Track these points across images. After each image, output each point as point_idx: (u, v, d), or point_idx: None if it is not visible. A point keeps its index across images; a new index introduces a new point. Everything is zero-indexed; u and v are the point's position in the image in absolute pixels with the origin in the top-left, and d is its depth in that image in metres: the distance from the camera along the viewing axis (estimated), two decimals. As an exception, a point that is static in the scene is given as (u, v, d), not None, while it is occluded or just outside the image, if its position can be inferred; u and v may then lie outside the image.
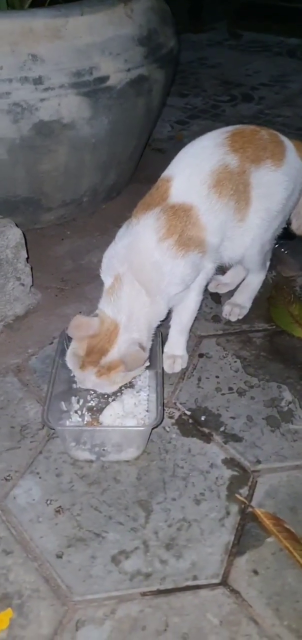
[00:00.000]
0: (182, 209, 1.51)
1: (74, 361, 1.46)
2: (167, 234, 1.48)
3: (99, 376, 1.42)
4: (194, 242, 1.51)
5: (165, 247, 1.48)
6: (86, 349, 1.43)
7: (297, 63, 4.07)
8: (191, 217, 1.51)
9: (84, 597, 1.16)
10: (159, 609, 1.14)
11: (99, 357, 1.42)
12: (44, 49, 1.90)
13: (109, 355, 1.42)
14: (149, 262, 1.47)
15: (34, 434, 1.49)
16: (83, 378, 1.45)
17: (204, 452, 1.45)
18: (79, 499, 1.33)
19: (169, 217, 1.49)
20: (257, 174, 1.61)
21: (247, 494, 1.35)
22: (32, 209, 2.17)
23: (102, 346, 1.42)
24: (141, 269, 1.47)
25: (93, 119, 2.03)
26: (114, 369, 1.42)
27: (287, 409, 1.56)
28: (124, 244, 1.51)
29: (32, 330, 1.81)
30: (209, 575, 1.20)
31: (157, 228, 1.48)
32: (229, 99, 3.52)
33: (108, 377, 1.43)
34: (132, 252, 1.48)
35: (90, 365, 1.42)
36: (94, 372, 1.42)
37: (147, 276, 1.47)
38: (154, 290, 1.48)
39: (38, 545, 1.25)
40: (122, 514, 1.31)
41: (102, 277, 1.55)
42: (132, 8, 2.11)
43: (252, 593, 1.17)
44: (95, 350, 1.42)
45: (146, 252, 1.48)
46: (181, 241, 1.49)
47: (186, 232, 1.50)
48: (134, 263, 1.47)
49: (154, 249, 1.48)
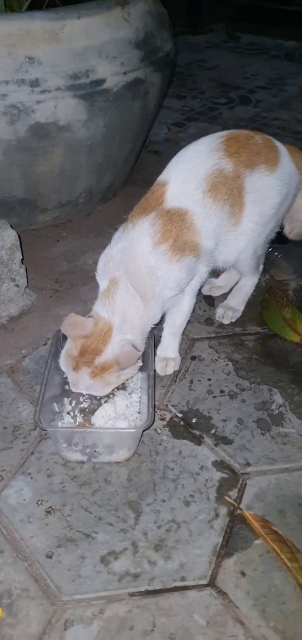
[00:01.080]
0: (178, 214, 1.52)
1: (67, 362, 1.46)
2: (163, 239, 1.49)
3: (93, 377, 1.43)
4: (189, 246, 1.53)
5: (160, 252, 1.49)
6: (80, 349, 1.44)
7: (295, 66, 4.08)
8: (186, 222, 1.52)
9: (73, 597, 1.17)
10: (147, 609, 1.16)
11: (94, 357, 1.42)
12: (41, 51, 1.91)
13: (104, 356, 1.43)
14: (144, 267, 1.48)
15: (27, 435, 1.50)
16: (77, 380, 1.45)
17: (194, 454, 1.46)
18: (70, 499, 1.35)
19: (164, 222, 1.51)
20: (251, 179, 1.63)
21: (237, 497, 1.36)
22: (28, 210, 2.18)
23: (96, 347, 1.43)
24: (137, 274, 1.48)
25: (89, 121, 2.04)
26: (108, 370, 1.43)
27: (278, 412, 1.57)
28: (120, 248, 1.52)
29: (27, 331, 1.82)
30: (197, 576, 1.21)
31: (153, 233, 1.50)
32: (227, 101, 3.53)
33: (102, 378, 1.43)
34: (128, 256, 1.50)
35: (85, 366, 1.43)
36: (88, 372, 1.43)
37: (143, 281, 1.48)
38: (149, 295, 1.49)
39: (29, 545, 1.26)
40: (113, 515, 1.32)
41: (97, 279, 1.56)
42: (130, 12, 2.12)
43: (239, 595, 1.18)
44: (90, 351, 1.43)
45: (142, 257, 1.49)
46: (176, 246, 1.50)
47: (181, 237, 1.51)
48: (129, 268, 1.48)
49: (149, 254, 1.49)
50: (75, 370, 1.44)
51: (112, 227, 2.24)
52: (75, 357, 1.44)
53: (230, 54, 4.35)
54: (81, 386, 1.46)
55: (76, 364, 1.44)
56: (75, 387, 1.47)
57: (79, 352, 1.44)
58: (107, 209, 2.43)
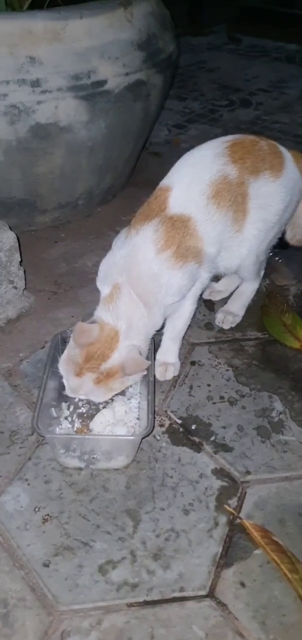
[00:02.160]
0: (181, 220, 1.51)
1: (68, 368, 1.43)
2: (166, 245, 1.48)
3: (97, 383, 1.41)
4: (192, 252, 1.51)
5: (163, 258, 1.47)
6: (85, 356, 1.41)
7: (296, 69, 4.07)
8: (188, 228, 1.51)
9: (70, 607, 1.16)
10: (145, 620, 1.14)
11: (100, 363, 1.40)
12: (43, 51, 1.90)
13: (110, 361, 1.41)
14: (147, 274, 1.47)
15: (24, 440, 1.48)
16: (78, 385, 1.42)
17: (194, 461, 1.45)
18: (67, 506, 1.33)
19: (167, 228, 1.49)
20: (255, 185, 1.61)
21: (236, 505, 1.35)
22: (27, 210, 2.16)
23: (102, 352, 1.41)
24: (139, 281, 1.46)
25: (90, 122, 2.02)
26: (113, 376, 1.41)
27: (277, 419, 1.56)
28: (123, 254, 1.51)
29: (24, 333, 1.80)
30: (196, 586, 1.20)
31: (156, 240, 1.48)
32: (227, 103, 3.52)
33: (106, 384, 1.41)
34: (130, 263, 1.48)
35: (89, 372, 1.40)
36: (92, 378, 1.41)
37: (145, 288, 1.47)
38: (152, 301, 1.47)
39: (25, 553, 1.24)
40: (110, 523, 1.30)
41: (98, 285, 1.54)
42: (132, 12, 2.11)
43: (238, 606, 1.17)
44: (96, 357, 1.41)
45: (145, 263, 1.47)
46: (179, 252, 1.49)
47: (183, 243, 1.50)
48: (132, 274, 1.47)
49: (152, 260, 1.47)
50: (78, 376, 1.41)
51: (111, 228, 2.23)
52: (79, 363, 1.41)
53: (231, 55, 4.34)
54: (81, 392, 1.43)
55: (80, 370, 1.41)
56: (74, 393, 1.45)
57: (83, 359, 1.41)
58: (106, 211, 2.41)
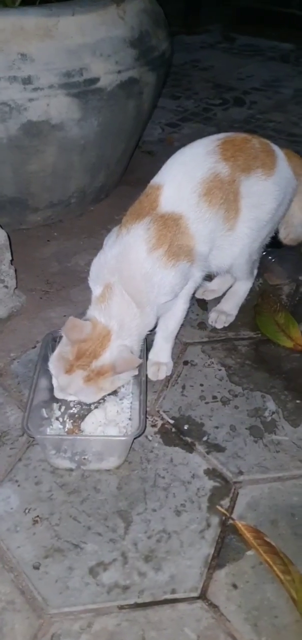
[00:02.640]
0: (172, 219, 1.49)
1: (59, 365, 1.42)
2: (158, 244, 1.46)
3: (87, 381, 1.39)
4: (184, 251, 1.50)
5: (155, 257, 1.46)
6: (76, 353, 1.40)
7: (290, 68, 4.06)
8: (180, 226, 1.50)
9: (60, 610, 1.14)
10: (137, 622, 1.13)
11: (90, 360, 1.39)
12: (34, 48, 1.88)
13: (101, 359, 1.40)
14: (139, 273, 1.46)
15: (14, 441, 1.47)
16: (67, 383, 1.41)
17: (186, 462, 1.44)
18: (58, 508, 1.32)
19: (159, 227, 1.48)
20: (247, 183, 1.60)
21: (229, 506, 1.34)
22: (18, 209, 2.15)
23: (94, 350, 1.40)
24: (131, 280, 1.45)
25: (82, 120, 2.01)
26: (103, 375, 1.40)
27: (270, 419, 1.55)
28: (114, 253, 1.49)
29: (15, 333, 1.79)
30: (187, 588, 1.18)
31: (148, 239, 1.47)
32: (221, 102, 3.51)
33: (96, 383, 1.40)
34: (122, 262, 1.47)
35: (79, 369, 1.39)
36: (82, 376, 1.39)
37: (137, 287, 1.45)
38: (144, 301, 1.46)
39: (15, 555, 1.23)
40: (102, 524, 1.29)
41: (90, 284, 1.53)
42: (125, 9, 2.09)
43: (230, 607, 1.16)
44: (87, 354, 1.39)
45: (136, 263, 1.46)
46: (171, 251, 1.47)
47: (175, 241, 1.48)
48: (124, 274, 1.45)
49: (144, 259, 1.46)
50: (68, 373, 1.40)
51: (104, 227, 2.21)
52: (70, 360, 1.40)
53: (225, 54, 4.33)
54: (71, 390, 1.42)
55: (70, 367, 1.39)
56: (63, 391, 1.43)
57: (74, 355, 1.40)
58: (99, 209, 2.39)
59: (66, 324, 1.41)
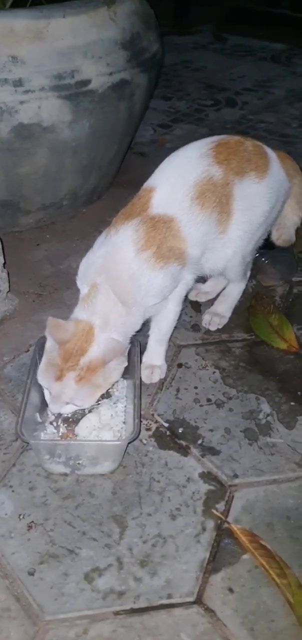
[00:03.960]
0: (163, 221, 1.49)
1: (48, 374, 1.39)
2: (146, 245, 1.46)
3: (79, 381, 1.37)
4: (174, 253, 1.49)
5: (143, 258, 1.45)
6: (63, 355, 1.37)
7: (281, 68, 4.06)
8: (171, 229, 1.49)
9: (55, 617, 1.13)
10: (132, 628, 1.12)
11: (78, 358, 1.37)
12: (25, 50, 1.87)
13: (88, 354, 1.37)
14: (126, 274, 1.45)
15: (8, 446, 1.46)
16: (60, 390, 1.38)
17: (181, 465, 1.43)
18: (53, 513, 1.31)
19: (148, 228, 1.47)
20: (240, 186, 1.60)
21: (224, 509, 1.33)
22: (10, 212, 2.14)
23: (80, 346, 1.38)
24: (118, 280, 1.44)
25: (74, 122, 2.00)
26: (94, 370, 1.37)
27: (265, 421, 1.54)
28: (102, 253, 1.49)
29: (8, 337, 1.78)
30: (183, 593, 1.18)
31: (136, 239, 1.46)
32: (213, 103, 3.51)
33: (89, 380, 1.37)
34: (109, 262, 1.46)
35: (69, 371, 1.37)
36: (73, 377, 1.37)
37: (124, 288, 1.44)
38: (130, 302, 1.45)
39: (9, 561, 1.22)
40: (96, 529, 1.28)
41: (78, 284, 1.52)
42: (116, 11, 2.08)
43: (227, 612, 1.15)
44: (74, 353, 1.37)
45: (124, 263, 1.46)
46: (160, 253, 1.47)
47: (164, 243, 1.48)
48: (111, 274, 1.45)
49: (131, 260, 1.45)
50: (59, 380, 1.37)
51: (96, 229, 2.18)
52: (59, 365, 1.38)
53: (216, 55, 4.33)
54: (65, 397, 1.39)
55: (60, 372, 1.37)
56: (58, 402, 1.40)
57: (61, 358, 1.38)
58: (91, 211, 2.38)
59: (48, 325, 1.39)
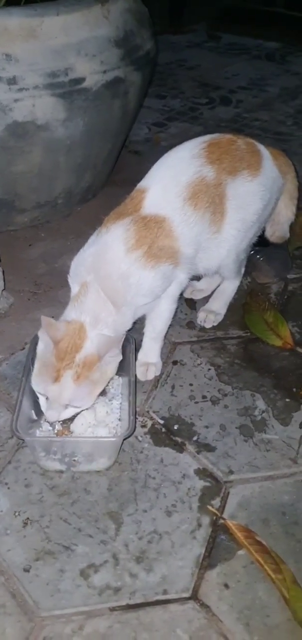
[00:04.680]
0: (154, 221, 1.49)
1: (44, 378, 1.37)
2: (136, 244, 1.46)
3: (77, 379, 1.35)
4: (166, 253, 1.49)
5: (133, 258, 1.45)
6: (57, 354, 1.36)
7: (275, 67, 4.06)
8: (163, 229, 1.49)
9: (51, 613, 1.14)
10: (128, 624, 1.12)
11: (74, 355, 1.36)
12: (19, 48, 1.87)
13: (83, 350, 1.36)
14: (116, 273, 1.44)
15: (3, 443, 1.46)
16: (58, 392, 1.35)
17: (176, 462, 1.43)
18: (48, 510, 1.31)
19: (139, 228, 1.47)
20: (233, 185, 1.60)
21: (219, 506, 1.34)
22: (5, 210, 2.13)
23: (73, 343, 1.37)
24: (107, 279, 1.44)
25: (68, 120, 2.00)
26: (90, 366, 1.36)
27: (260, 418, 1.55)
28: (92, 252, 1.49)
29: (3, 335, 1.78)
30: (179, 589, 1.18)
31: (126, 239, 1.46)
32: (207, 101, 3.51)
33: (86, 377, 1.35)
34: (99, 261, 1.46)
35: (67, 370, 1.35)
36: (71, 376, 1.35)
37: (113, 287, 1.44)
38: (120, 301, 1.45)
39: (5, 558, 1.22)
40: (92, 526, 1.28)
41: (69, 283, 1.53)
42: (109, 9, 2.08)
43: (222, 607, 1.16)
44: (69, 351, 1.36)
45: (113, 262, 1.45)
46: (151, 252, 1.46)
47: (156, 243, 1.47)
48: (100, 272, 1.44)
49: (121, 259, 1.45)
50: (57, 381, 1.35)
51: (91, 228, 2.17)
52: (55, 365, 1.35)
53: (210, 53, 4.33)
54: (64, 398, 1.36)
55: (57, 373, 1.35)
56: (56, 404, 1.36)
57: (57, 358, 1.36)
58: (86, 210, 2.38)
59: (44, 324, 1.37)
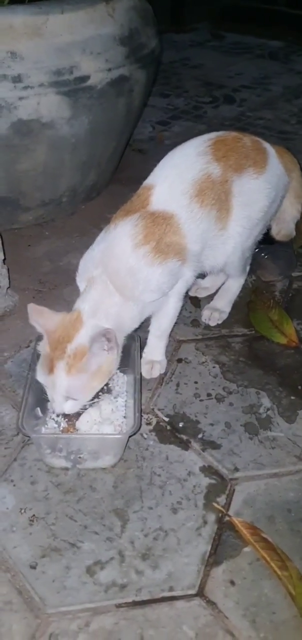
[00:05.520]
0: (162, 217, 1.49)
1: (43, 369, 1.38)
2: (144, 240, 1.46)
3: (69, 370, 1.33)
4: (173, 249, 1.49)
5: (141, 253, 1.45)
6: (51, 344, 1.35)
7: (279, 65, 4.06)
8: (171, 225, 1.49)
9: (57, 610, 1.14)
10: (134, 621, 1.12)
11: (65, 345, 1.34)
12: (24, 46, 1.87)
13: (75, 340, 1.34)
14: (124, 268, 1.45)
15: (9, 441, 1.46)
16: (52, 382, 1.35)
17: (181, 459, 1.43)
18: (54, 507, 1.31)
19: (147, 223, 1.47)
20: (239, 182, 1.60)
21: (225, 503, 1.34)
22: (9, 208, 2.14)
23: (66, 334, 1.36)
24: (116, 274, 1.44)
25: (73, 118, 2.00)
26: (80, 359, 1.33)
27: (265, 415, 1.55)
28: (100, 248, 1.49)
29: (9, 333, 1.78)
30: (185, 586, 1.18)
31: (134, 234, 1.46)
32: (211, 100, 3.51)
33: (77, 368, 1.33)
34: (107, 256, 1.46)
35: (58, 361, 1.34)
36: (62, 367, 1.33)
37: (122, 281, 1.44)
38: (128, 295, 1.45)
39: (11, 555, 1.22)
40: (98, 523, 1.28)
41: (77, 283, 1.52)
42: (114, 7, 2.08)
43: (228, 604, 1.16)
44: (60, 340, 1.35)
45: (122, 257, 1.45)
46: (159, 248, 1.47)
47: (164, 239, 1.48)
48: (108, 267, 1.45)
49: (129, 255, 1.45)
50: (51, 372, 1.35)
51: (96, 226, 2.19)
52: (49, 355, 1.35)
53: (214, 52, 4.33)
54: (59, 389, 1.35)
55: (50, 363, 1.34)
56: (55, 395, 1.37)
57: (50, 347, 1.35)
58: (90, 208, 2.39)
59: (30, 311, 1.37)
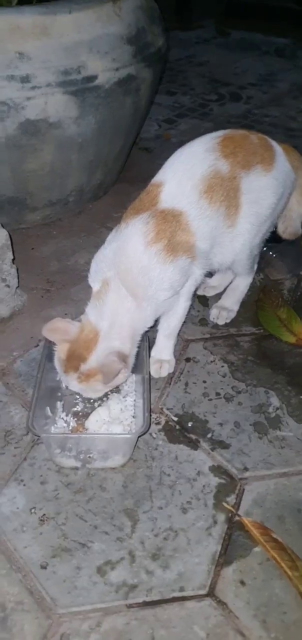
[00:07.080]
0: (172, 214, 1.49)
1: (59, 365, 1.46)
2: (156, 238, 1.46)
3: (80, 382, 1.42)
4: (183, 247, 1.49)
5: (153, 252, 1.45)
6: (67, 352, 1.43)
7: (285, 62, 4.05)
8: (180, 223, 1.49)
9: (68, 610, 1.14)
10: (146, 621, 1.13)
11: (78, 363, 1.41)
12: (31, 46, 1.87)
13: (88, 363, 1.41)
14: (136, 267, 1.45)
15: (19, 440, 1.46)
16: (67, 382, 1.45)
17: (191, 459, 1.43)
18: (64, 507, 1.31)
19: (158, 221, 1.47)
20: (247, 180, 1.60)
21: (235, 502, 1.34)
22: (17, 208, 2.14)
23: (80, 353, 1.41)
24: (128, 274, 1.44)
25: (80, 118, 2.00)
26: (93, 377, 1.41)
27: (274, 415, 1.55)
28: (113, 247, 1.49)
29: (18, 332, 1.78)
30: (195, 586, 1.18)
31: (146, 232, 1.46)
32: (217, 97, 3.50)
33: (88, 384, 1.42)
34: (119, 256, 1.46)
35: (72, 370, 1.42)
36: (75, 377, 1.42)
37: (134, 281, 1.45)
38: (141, 295, 1.46)
39: (22, 555, 1.22)
40: (108, 523, 1.29)
41: (90, 282, 1.52)
42: (121, 6, 2.08)
43: (239, 604, 1.16)
44: (75, 356, 1.41)
45: (134, 256, 1.46)
46: (170, 246, 1.47)
47: (175, 236, 1.48)
48: (121, 267, 1.45)
49: (142, 253, 1.45)
50: (66, 373, 1.43)
51: (103, 225, 2.21)
52: (63, 360, 1.43)
53: (220, 49, 4.32)
54: (72, 388, 1.46)
55: (65, 367, 1.43)
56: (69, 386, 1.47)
57: (65, 355, 1.43)
58: (97, 207, 2.39)
59: (47, 325, 1.45)
